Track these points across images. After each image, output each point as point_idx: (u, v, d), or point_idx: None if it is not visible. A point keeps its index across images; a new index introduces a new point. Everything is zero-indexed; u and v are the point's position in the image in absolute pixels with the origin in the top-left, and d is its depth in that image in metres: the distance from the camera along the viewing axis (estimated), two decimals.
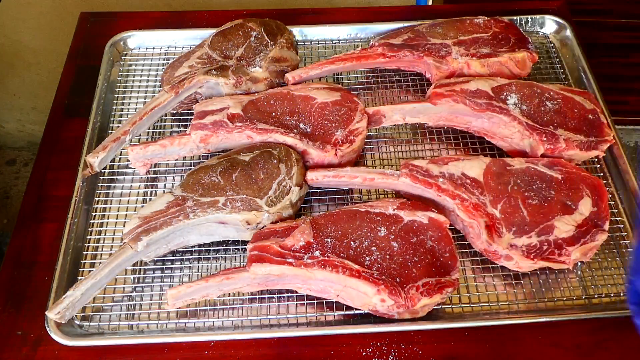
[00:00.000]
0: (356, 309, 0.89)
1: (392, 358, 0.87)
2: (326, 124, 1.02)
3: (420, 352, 0.87)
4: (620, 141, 1.05)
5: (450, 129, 1.11)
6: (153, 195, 1.04)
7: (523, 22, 1.28)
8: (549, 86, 1.07)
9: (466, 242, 0.96)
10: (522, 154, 1.04)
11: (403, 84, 1.19)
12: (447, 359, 0.87)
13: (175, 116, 1.15)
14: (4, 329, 0.90)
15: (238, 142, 1.03)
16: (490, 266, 0.94)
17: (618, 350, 0.88)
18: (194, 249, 0.97)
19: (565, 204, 0.93)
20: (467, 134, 1.10)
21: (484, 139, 1.08)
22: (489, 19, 1.18)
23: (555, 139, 0.99)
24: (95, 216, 1.01)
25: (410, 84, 1.19)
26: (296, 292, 0.91)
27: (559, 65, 1.22)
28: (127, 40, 1.25)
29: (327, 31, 1.27)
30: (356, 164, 1.06)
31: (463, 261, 0.95)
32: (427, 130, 1.12)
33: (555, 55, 1.24)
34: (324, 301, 0.91)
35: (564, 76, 1.20)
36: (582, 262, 0.95)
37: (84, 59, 1.24)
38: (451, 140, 1.11)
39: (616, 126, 1.06)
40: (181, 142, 1.02)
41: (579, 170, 0.97)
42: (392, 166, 1.08)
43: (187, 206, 0.91)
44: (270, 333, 0.89)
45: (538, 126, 1.00)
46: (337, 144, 1.00)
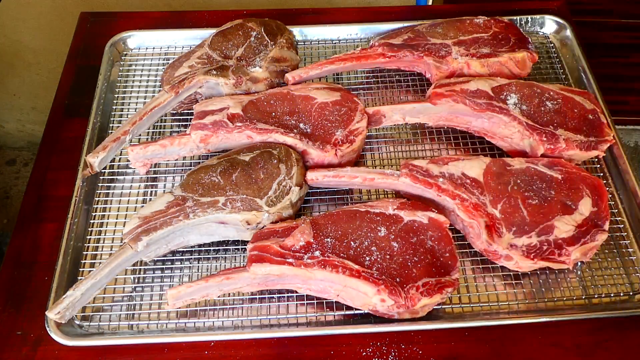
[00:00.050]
0: (356, 309, 0.89)
1: (392, 358, 0.87)
2: (326, 124, 1.02)
3: (420, 352, 0.87)
4: (620, 141, 1.05)
5: (450, 129, 1.11)
6: (153, 195, 1.04)
7: (523, 22, 1.28)
8: (549, 86, 1.07)
9: (466, 242, 0.96)
10: (522, 154, 1.04)
11: (403, 84, 1.19)
12: (447, 359, 0.87)
13: (175, 116, 1.15)
14: (4, 329, 0.90)
15: (238, 142, 1.03)
16: (490, 266, 0.94)
17: (618, 350, 0.88)
18: (194, 249, 0.97)
19: (565, 204, 0.93)
20: (467, 134, 1.10)
21: (484, 139, 1.08)
22: (489, 19, 1.18)
23: (555, 139, 0.99)
24: (95, 216, 1.01)
25: (410, 84, 1.19)
26: (296, 292, 0.91)
27: (559, 65, 1.22)
28: (127, 40, 1.25)
29: (327, 31, 1.27)
30: (356, 164, 1.06)
31: (463, 261, 0.95)
32: (427, 130, 1.12)
33: (555, 55, 1.24)
34: (324, 301, 0.91)
35: (564, 76, 1.20)
36: (582, 262, 0.95)
37: (84, 59, 1.24)
38: (451, 140, 1.11)
39: (616, 126, 1.06)
40: (181, 142, 1.02)
41: (579, 170, 0.97)
42: (392, 166, 1.08)
43: (187, 206, 0.91)
44: (270, 333, 0.89)
45: (538, 126, 1.00)
46: (337, 144, 1.00)
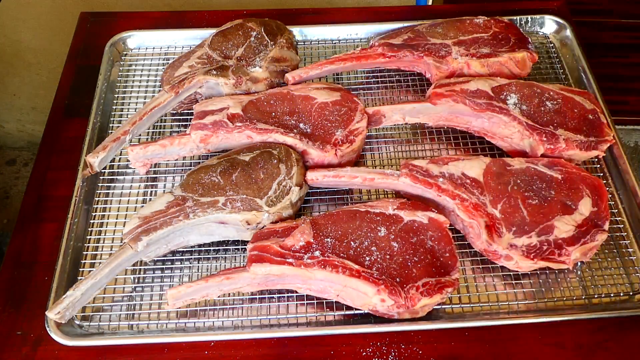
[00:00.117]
0: (356, 309, 0.89)
1: (392, 358, 0.87)
2: (326, 124, 1.02)
3: (420, 352, 0.87)
4: (620, 141, 1.05)
5: (450, 129, 1.11)
6: (153, 195, 1.04)
7: (523, 22, 1.28)
8: (549, 86, 1.07)
9: (466, 242, 0.96)
10: (522, 154, 1.03)
11: (403, 84, 1.19)
12: (447, 359, 0.87)
13: (175, 116, 1.15)
14: (4, 329, 0.90)
15: (238, 142, 1.03)
16: (490, 266, 0.94)
17: (618, 350, 0.88)
18: (194, 249, 0.97)
19: (565, 204, 0.93)
20: (467, 134, 1.10)
21: (484, 139, 1.08)
22: (489, 19, 1.18)
23: (555, 139, 0.99)
24: (95, 216, 1.01)
25: (410, 84, 1.19)
26: (296, 292, 0.91)
27: (559, 65, 1.22)
28: (127, 40, 1.25)
29: (327, 31, 1.27)
30: (356, 164, 1.06)
31: (463, 261, 0.95)
32: (427, 130, 1.12)
33: (555, 55, 1.24)
34: (324, 301, 0.91)
35: (564, 76, 1.20)
36: (582, 262, 0.95)
37: (84, 59, 1.24)
38: (451, 140, 1.11)
39: (616, 126, 1.06)
40: (181, 142, 1.02)
41: (579, 170, 0.97)
42: (392, 166, 1.08)
43: (187, 206, 0.91)
44: (270, 333, 0.89)
45: (538, 126, 1.00)
46: (337, 144, 1.00)
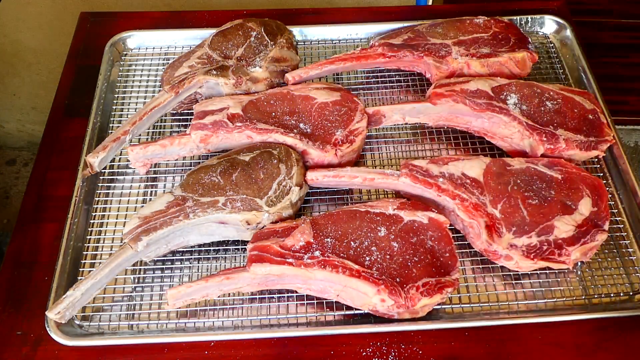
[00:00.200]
0: (356, 309, 0.89)
1: (392, 358, 0.87)
2: (326, 124, 1.02)
3: (420, 352, 0.87)
4: (620, 141, 1.05)
5: (450, 129, 1.11)
6: (153, 195, 1.04)
7: (523, 22, 1.28)
8: (549, 86, 1.07)
9: (466, 242, 0.96)
10: (522, 154, 1.03)
11: (403, 84, 1.19)
12: (447, 359, 0.87)
13: (175, 116, 1.15)
14: (4, 329, 0.90)
15: (238, 142, 1.03)
16: (490, 266, 0.94)
17: (618, 350, 0.88)
18: (194, 249, 0.97)
19: (565, 204, 0.93)
20: (467, 134, 1.10)
21: (484, 139, 1.08)
22: (489, 19, 1.18)
23: (555, 139, 0.99)
24: (95, 216, 1.01)
25: (410, 84, 1.19)
26: (296, 292, 0.91)
27: (559, 65, 1.22)
28: (127, 40, 1.25)
29: (327, 31, 1.27)
30: (356, 164, 1.06)
31: (463, 261, 0.95)
32: (427, 130, 1.12)
33: (555, 55, 1.24)
34: (324, 301, 0.91)
35: (564, 76, 1.20)
36: (582, 262, 0.95)
37: (84, 59, 1.24)
38: (451, 140, 1.11)
39: (616, 126, 1.06)
40: (181, 142, 1.02)
41: (579, 170, 0.97)
42: (392, 166, 1.08)
43: (187, 206, 0.91)
44: (270, 333, 0.89)
45: (538, 126, 1.00)
46: (337, 144, 1.00)
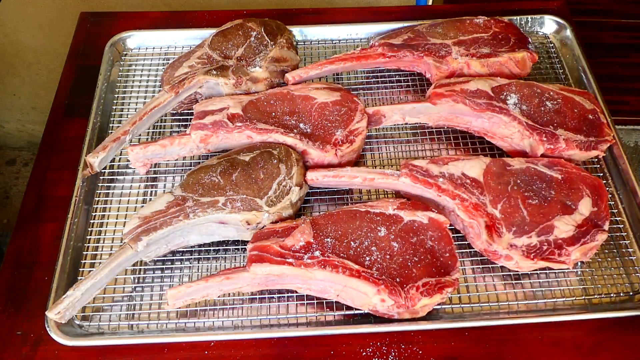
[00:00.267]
0: (356, 309, 0.89)
1: (392, 358, 0.87)
2: (326, 124, 1.02)
3: (420, 352, 0.87)
4: (620, 141, 1.05)
5: (450, 129, 1.11)
6: (153, 195, 1.04)
7: (523, 22, 1.28)
8: (549, 86, 1.07)
9: (466, 242, 0.96)
10: (522, 154, 1.03)
11: (403, 84, 1.19)
12: (447, 359, 0.87)
13: (175, 116, 1.15)
14: (4, 329, 0.90)
15: (238, 142, 1.03)
16: (490, 266, 0.94)
17: (618, 350, 0.88)
18: (194, 249, 0.97)
19: (565, 204, 0.93)
20: (467, 134, 1.10)
21: (484, 139, 1.08)
22: (488, 19, 1.18)
23: (555, 139, 0.99)
24: (95, 216, 1.01)
25: (410, 84, 1.19)
26: (296, 292, 0.91)
27: (559, 65, 1.22)
28: (127, 40, 1.25)
29: (327, 31, 1.27)
30: (356, 164, 1.06)
31: (463, 261, 0.95)
32: (427, 130, 1.12)
33: (555, 55, 1.24)
34: (324, 301, 0.91)
35: (564, 76, 1.20)
36: (582, 262, 0.95)
37: (84, 59, 1.24)
38: (451, 140, 1.11)
39: (616, 126, 1.06)
40: (181, 142, 1.02)
41: (579, 170, 0.97)
42: (392, 166, 1.08)
43: (187, 206, 0.91)
44: (270, 333, 0.89)
45: (538, 126, 1.00)
46: (337, 144, 1.00)
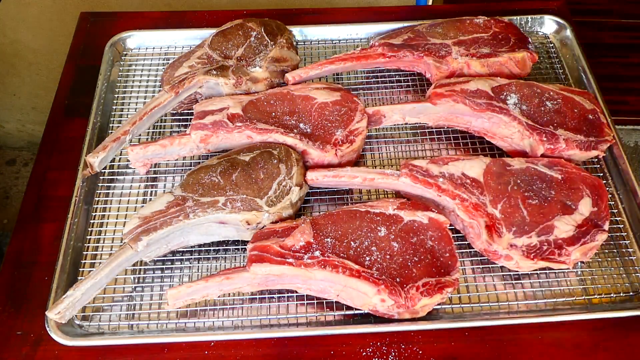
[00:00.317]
0: (356, 309, 0.89)
1: (392, 358, 0.87)
2: (326, 124, 1.02)
3: (420, 352, 0.87)
4: (620, 141, 1.05)
5: (450, 129, 1.11)
6: (153, 195, 1.04)
7: (523, 22, 1.28)
8: (549, 86, 1.07)
9: (466, 242, 0.96)
10: (522, 154, 1.03)
11: (403, 84, 1.19)
12: (447, 359, 0.87)
13: (175, 116, 1.15)
14: (4, 329, 0.90)
15: (238, 142, 1.03)
16: (490, 266, 0.94)
17: (618, 350, 0.88)
18: (194, 249, 0.97)
19: (565, 204, 0.93)
20: (467, 134, 1.10)
21: (484, 139, 1.08)
22: (488, 19, 1.18)
23: (555, 139, 0.99)
24: (95, 216, 1.01)
25: (410, 84, 1.19)
26: (296, 292, 0.91)
27: (559, 65, 1.22)
28: (127, 40, 1.25)
29: (327, 31, 1.27)
30: (356, 164, 1.06)
31: (463, 261, 0.95)
32: (427, 130, 1.12)
33: (555, 55, 1.24)
34: (324, 301, 0.91)
35: (564, 76, 1.20)
36: (582, 262, 0.95)
37: (84, 59, 1.24)
38: (451, 140, 1.11)
39: (616, 126, 1.06)
40: (181, 142, 1.02)
41: (579, 170, 0.97)
42: (392, 166, 1.08)
43: (187, 206, 0.91)
44: (270, 333, 0.89)
45: (538, 126, 1.00)
46: (337, 144, 1.00)
